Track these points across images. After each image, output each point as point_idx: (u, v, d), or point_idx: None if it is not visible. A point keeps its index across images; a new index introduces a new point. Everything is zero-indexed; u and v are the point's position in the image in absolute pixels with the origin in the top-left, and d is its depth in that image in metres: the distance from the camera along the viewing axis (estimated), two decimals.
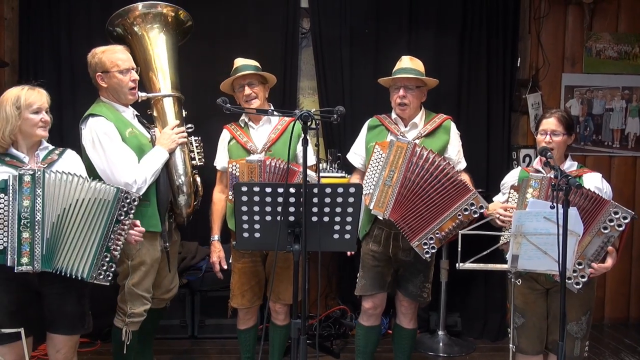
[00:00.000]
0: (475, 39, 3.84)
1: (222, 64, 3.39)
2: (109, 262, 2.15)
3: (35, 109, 2.17)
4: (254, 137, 2.78)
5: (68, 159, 2.29)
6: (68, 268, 2.12)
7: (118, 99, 2.55)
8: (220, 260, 2.79)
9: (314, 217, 1.93)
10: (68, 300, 2.23)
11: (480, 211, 2.49)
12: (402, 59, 2.77)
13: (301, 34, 3.92)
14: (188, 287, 3.63)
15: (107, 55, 2.50)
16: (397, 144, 2.56)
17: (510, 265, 2.18)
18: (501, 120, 3.87)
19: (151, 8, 2.77)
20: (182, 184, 2.66)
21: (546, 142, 2.42)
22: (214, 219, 2.80)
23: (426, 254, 2.54)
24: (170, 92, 2.76)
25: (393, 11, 3.82)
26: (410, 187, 2.54)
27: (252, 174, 2.61)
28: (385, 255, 2.74)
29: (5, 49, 3.66)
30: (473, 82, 3.86)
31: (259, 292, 2.85)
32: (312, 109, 3.88)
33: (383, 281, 2.78)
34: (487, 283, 3.85)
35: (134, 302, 2.56)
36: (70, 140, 3.51)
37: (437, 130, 2.74)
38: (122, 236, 2.18)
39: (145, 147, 2.55)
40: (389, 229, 2.69)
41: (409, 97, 2.69)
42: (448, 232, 2.51)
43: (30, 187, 2.06)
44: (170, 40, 2.82)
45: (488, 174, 3.78)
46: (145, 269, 2.55)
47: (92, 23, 3.65)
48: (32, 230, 2.06)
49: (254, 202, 1.91)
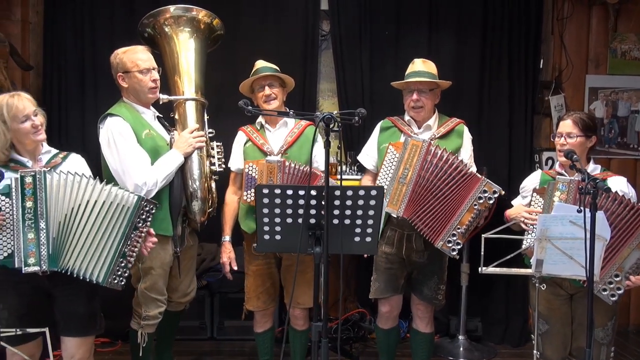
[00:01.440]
0: (496, 41, 3.80)
1: (241, 67, 3.40)
2: (124, 268, 2.15)
3: (22, 118, 2.12)
4: (270, 139, 2.78)
5: (72, 162, 2.29)
6: (82, 270, 2.12)
7: (139, 99, 2.55)
8: (230, 260, 2.78)
9: (335, 219, 1.91)
10: (78, 302, 2.22)
11: (494, 196, 2.48)
12: (415, 62, 2.77)
13: (321, 37, 3.92)
14: (207, 289, 3.64)
15: (128, 56, 2.51)
16: (412, 142, 2.56)
17: (535, 270, 2.14)
18: (523, 123, 3.82)
19: (186, 12, 2.77)
20: (196, 189, 2.61)
21: (560, 145, 2.40)
22: (226, 219, 2.80)
23: (453, 251, 2.51)
24: (193, 96, 2.74)
25: (413, 13, 3.80)
26: (425, 185, 2.54)
27: (271, 174, 2.60)
28: (399, 257, 2.73)
29: (30, 52, 3.72)
30: (495, 84, 3.82)
31: (274, 294, 2.85)
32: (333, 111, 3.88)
33: (396, 283, 2.77)
34: (508, 287, 3.80)
35: (148, 305, 2.57)
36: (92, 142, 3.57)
37: (450, 134, 2.74)
38: (139, 243, 2.18)
39: (161, 149, 2.54)
40: (402, 230, 2.68)
41: (423, 100, 2.69)
42: (469, 225, 2.49)
43: (32, 188, 2.06)
44: (199, 45, 2.81)
45: (510, 177, 3.73)
46: (155, 273, 2.54)
47: (114, 27, 3.70)
48: (36, 231, 2.07)
49: (275, 204, 1.90)
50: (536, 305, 2.36)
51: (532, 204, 2.40)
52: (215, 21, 2.85)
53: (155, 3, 3.43)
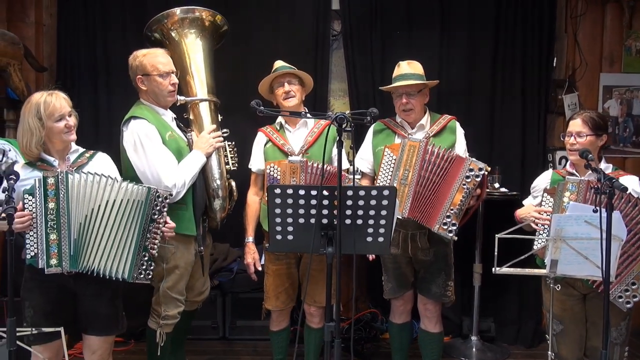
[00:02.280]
0: (509, 39, 3.77)
1: (252, 67, 3.42)
2: (148, 261, 2.18)
3: (58, 117, 2.15)
4: (290, 139, 2.79)
5: (98, 161, 2.31)
6: (106, 270, 2.15)
7: (157, 101, 2.58)
8: (255, 261, 2.80)
9: (347, 219, 1.91)
10: (102, 302, 2.25)
11: (481, 173, 2.49)
12: (400, 65, 2.77)
13: (332, 36, 3.91)
14: (219, 289, 3.65)
15: (148, 59, 2.53)
16: (410, 143, 2.58)
17: (549, 270, 2.12)
18: (536, 122, 3.78)
19: (188, 13, 2.79)
20: (217, 188, 2.68)
21: (570, 144, 2.38)
22: (249, 220, 2.82)
23: (450, 233, 2.51)
24: (207, 97, 2.78)
25: (424, 12, 3.78)
26: (425, 183, 2.55)
27: (294, 174, 2.62)
28: (405, 257, 2.75)
29: (44, 55, 3.76)
30: (507, 83, 3.79)
31: (293, 295, 2.85)
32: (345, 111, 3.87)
33: (407, 281, 2.81)
34: (521, 287, 3.77)
35: (168, 305, 2.58)
36: (105, 143, 3.60)
37: (443, 131, 2.76)
38: (158, 235, 2.20)
39: (183, 150, 2.57)
40: (406, 230, 2.69)
41: (412, 102, 2.70)
42: (461, 205, 2.50)
43: (54, 190, 2.09)
44: (206, 45, 2.84)
45: (523, 176, 3.70)
46: (179, 273, 2.57)
47: (127, 28, 3.73)
48: (58, 232, 2.09)
49: (287, 205, 1.90)
50: (550, 306, 2.34)
51: (543, 203, 2.39)
52: (217, 17, 2.88)
53: (167, 5, 3.45)
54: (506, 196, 3.51)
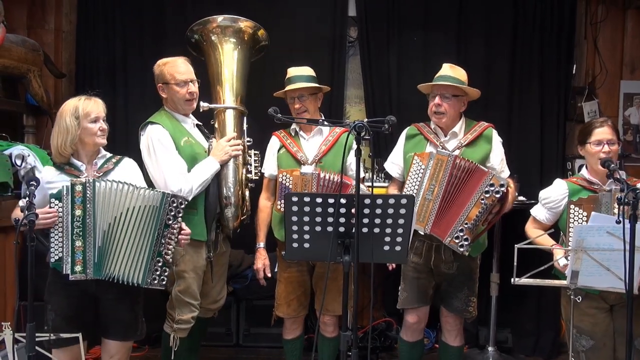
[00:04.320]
0: (527, 46, 3.74)
1: (269, 73, 3.43)
2: (162, 267, 2.20)
3: (93, 118, 2.25)
4: (304, 147, 2.78)
5: (125, 167, 2.36)
6: (123, 275, 2.18)
7: (177, 109, 2.64)
8: (265, 267, 2.79)
9: (364, 228, 1.91)
10: (122, 307, 2.29)
11: (501, 190, 2.42)
12: (443, 67, 2.73)
13: (348, 43, 3.92)
14: (234, 295, 3.66)
15: (167, 68, 2.60)
16: (438, 156, 2.51)
17: (570, 282, 2.10)
18: (555, 130, 3.75)
19: (233, 22, 2.84)
20: (230, 196, 2.68)
21: (605, 152, 2.35)
22: (260, 226, 2.82)
23: (461, 247, 2.46)
24: (232, 105, 2.80)
25: (441, 18, 3.78)
26: (449, 199, 2.50)
27: (306, 187, 2.61)
28: (427, 267, 2.70)
29: (63, 61, 3.81)
30: (526, 89, 3.76)
31: (305, 302, 2.84)
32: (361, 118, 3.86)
33: (425, 293, 2.74)
34: (540, 298, 3.72)
35: (182, 309, 2.61)
36: (122, 149, 3.63)
37: (478, 140, 2.67)
38: (173, 240, 2.22)
39: (199, 156, 2.60)
40: (430, 240, 2.65)
41: (445, 106, 2.63)
42: (476, 220, 2.44)
43: (81, 197, 2.14)
44: (243, 55, 2.88)
45: (541, 185, 3.59)
46: (189, 277, 2.59)
47: (145, 35, 3.78)
48: (84, 239, 2.14)
49: (304, 213, 1.91)
50: (571, 317, 2.30)
51: (572, 217, 2.34)
52: (260, 32, 2.93)
53: (184, 11, 3.49)
54: (524, 204, 3.47)
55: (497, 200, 2.45)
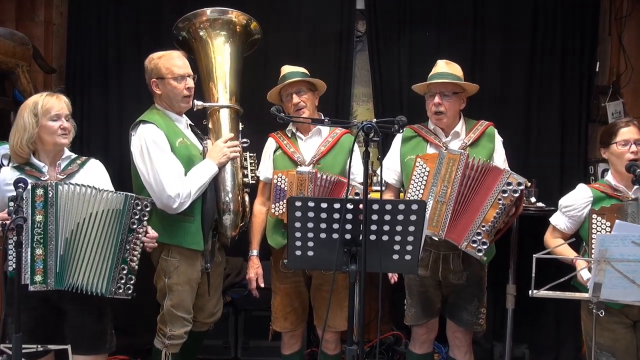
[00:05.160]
0: (547, 42, 3.73)
1: (270, 70, 3.42)
2: (127, 275, 2.18)
3: (54, 116, 2.21)
4: (302, 148, 2.78)
5: (90, 169, 2.34)
6: (85, 284, 2.16)
7: (172, 106, 2.60)
8: (257, 277, 2.79)
9: (372, 235, 1.90)
10: (88, 318, 2.26)
11: (519, 188, 2.42)
12: (438, 63, 2.74)
13: (356, 38, 3.92)
14: (232, 306, 3.65)
15: (163, 61, 2.56)
16: (449, 155, 2.51)
17: (592, 295, 2.09)
18: (577, 131, 3.73)
19: (222, 14, 2.81)
20: (228, 202, 2.64)
21: (633, 153, 2.35)
22: (254, 232, 2.81)
23: (479, 252, 2.45)
24: (227, 104, 2.78)
25: (456, 12, 3.77)
26: (463, 200, 2.50)
27: (301, 187, 2.61)
28: (434, 280, 2.69)
29: (53, 55, 3.83)
30: (545, 88, 3.75)
31: (303, 315, 2.84)
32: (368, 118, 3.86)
33: (433, 308, 2.74)
34: (558, 310, 3.70)
35: (174, 324, 2.58)
36: (115, 147, 3.66)
37: (481, 139, 2.70)
38: (138, 245, 2.21)
39: (195, 158, 2.57)
40: (437, 250, 2.64)
41: (445, 105, 2.64)
42: (494, 222, 2.44)
43: (42, 201, 2.10)
44: (235, 50, 2.85)
45: (562, 191, 3.59)
46: (183, 289, 2.57)
47: (140, 29, 3.79)
48: (45, 247, 2.11)
49: (309, 218, 1.91)
50: (593, 333, 2.29)
51: (594, 227, 2.33)
52: (253, 24, 2.90)
53: (182, 5, 3.50)
54: (543, 211, 3.45)
55: (515, 200, 2.45)
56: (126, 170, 2.63)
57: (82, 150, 3.48)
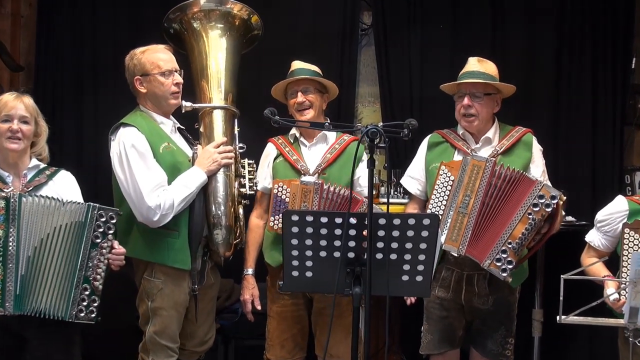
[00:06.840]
0: (576, 36, 3.76)
1: (268, 67, 3.45)
2: (89, 296, 2.18)
3: (3, 117, 2.20)
4: (305, 156, 2.79)
5: (59, 181, 2.34)
6: (48, 308, 2.15)
7: (158, 106, 2.61)
8: (253, 298, 2.78)
9: (378, 253, 1.90)
10: (54, 347, 2.25)
11: (553, 202, 2.41)
12: (469, 61, 2.75)
13: (361, 31, 3.95)
14: (221, 334, 3.64)
15: (147, 56, 2.56)
16: (473, 162, 2.52)
17: (629, 321, 2.08)
18: (611, 136, 3.76)
19: (219, 5, 2.80)
20: (220, 216, 2.61)
21: None
22: (249, 248, 2.80)
23: (503, 272, 2.45)
24: (221, 104, 2.76)
25: (473, 1, 3.80)
26: (488, 213, 2.50)
27: (306, 198, 2.61)
28: (456, 304, 2.69)
29: (21, 51, 3.86)
30: (574, 88, 3.78)
31: (302, 343, 2.82)
32: (376, 121, 3.88)
33: (453, 336, 2.72)
34: (592, 339, 3.71)
35: (157, 353, 2.56)
36: (90, 153, 3.67)
37: (515, 146, 2.69)
38: (103, 262, 2.20)
39: (181, 165, 2.56)
40: (461, 270, 2.64)
41: (476, 107, 2.64)
42: (522, 238, 2.43)
43: (3, 214, 2.10)
44: (232, 45, 2.84)
45: (594, 203, 3.64)
46: (168, 314, 2.55)
47: (118, 22, 3.82)
48: (4, 266, 2.09)
49: (306, 234, 1.91)
50: None
51: (626, 243, 2.32)
52: (253, 18, 2.89)
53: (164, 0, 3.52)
54: (573, 226, 3.46)
55: (548, 216, 2.44)
56: (102, 181, 2.64)
57: (53, 159, 3.49)
